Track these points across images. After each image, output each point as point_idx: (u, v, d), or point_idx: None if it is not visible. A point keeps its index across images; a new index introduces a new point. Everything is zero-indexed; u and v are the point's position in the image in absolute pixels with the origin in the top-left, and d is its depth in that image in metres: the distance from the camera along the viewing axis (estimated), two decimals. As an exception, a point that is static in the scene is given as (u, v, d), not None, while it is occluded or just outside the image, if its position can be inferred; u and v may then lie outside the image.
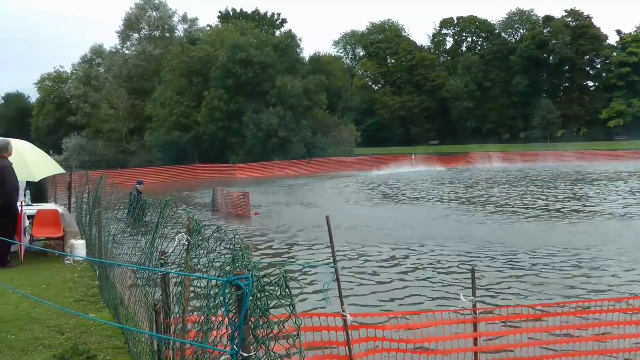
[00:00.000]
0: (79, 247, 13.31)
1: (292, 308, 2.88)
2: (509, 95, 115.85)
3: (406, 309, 10.95)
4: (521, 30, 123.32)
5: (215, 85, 69.49)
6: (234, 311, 2.89)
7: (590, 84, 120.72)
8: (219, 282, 3.50)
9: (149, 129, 74.12)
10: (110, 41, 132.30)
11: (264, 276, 2.95)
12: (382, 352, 7.24)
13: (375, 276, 14.28)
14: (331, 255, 7.02)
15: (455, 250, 17.29)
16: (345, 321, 6.83)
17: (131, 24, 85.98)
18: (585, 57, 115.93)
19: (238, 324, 2.73)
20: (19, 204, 13.14)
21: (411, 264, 15.65)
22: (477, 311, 7.63)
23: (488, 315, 8.25)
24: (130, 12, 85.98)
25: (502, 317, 8.28)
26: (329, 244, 7.10)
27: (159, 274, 5.41)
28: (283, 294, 2.88)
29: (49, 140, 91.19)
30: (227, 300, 2.95)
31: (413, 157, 67.90)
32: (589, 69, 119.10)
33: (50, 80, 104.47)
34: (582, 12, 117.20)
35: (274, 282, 2.90)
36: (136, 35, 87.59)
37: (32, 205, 15.19)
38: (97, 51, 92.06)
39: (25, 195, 15.18)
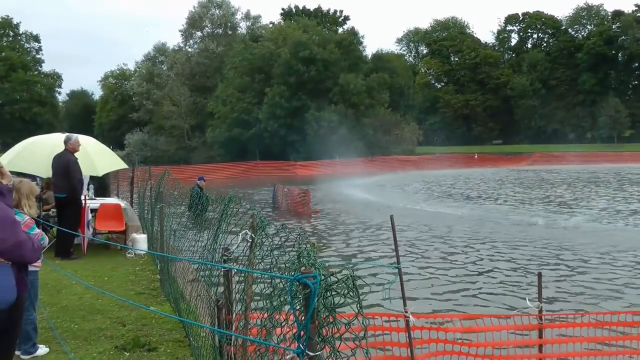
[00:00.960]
0: (141, 240, 13.53)
1: (359, 307, 2.83)
2: (575, 93, 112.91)
3: (469, 311, 10.72)
4: (589, 26, 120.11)
5: (277, 82, 69.82)
6: (300, 309, 2.84)
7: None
8: (283, 280, 3.44)
9: (210, 126, 74.93)
10: (173, 39, 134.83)
11: (331, 275, 2.87)
12: (444, 354, 7.08)
13: (437, 277, 14.03)
14: (394, 254, 6.89)
15: (519, 252, 16.88)
16: (407, 322, 6.69)
17: (194, 22, 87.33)
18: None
19: (304, 322, 2.68)
20: (82, 197, 13.42)
21: (474, 266, 15.33)
22: (543, 317, 7.39)
23: (554, 322, 7.99)
24: (194, 10, 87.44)
25: (569, 324, 7.96)
26: (391, 243, 6.99)
27: (222, 269, 5.38)
28: (350, 293, 2.80)
29: (111, 135, 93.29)
30: (293, 299, 2.89)
31: (476, 156, 67.14)
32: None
33: (113, 78, 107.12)
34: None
35: (341, 280, 2.82)
36: (199, 33, 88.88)
37: (95, 199, 15.52)
38: (160, 49, 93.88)
39: (88, 189, 15.51)
